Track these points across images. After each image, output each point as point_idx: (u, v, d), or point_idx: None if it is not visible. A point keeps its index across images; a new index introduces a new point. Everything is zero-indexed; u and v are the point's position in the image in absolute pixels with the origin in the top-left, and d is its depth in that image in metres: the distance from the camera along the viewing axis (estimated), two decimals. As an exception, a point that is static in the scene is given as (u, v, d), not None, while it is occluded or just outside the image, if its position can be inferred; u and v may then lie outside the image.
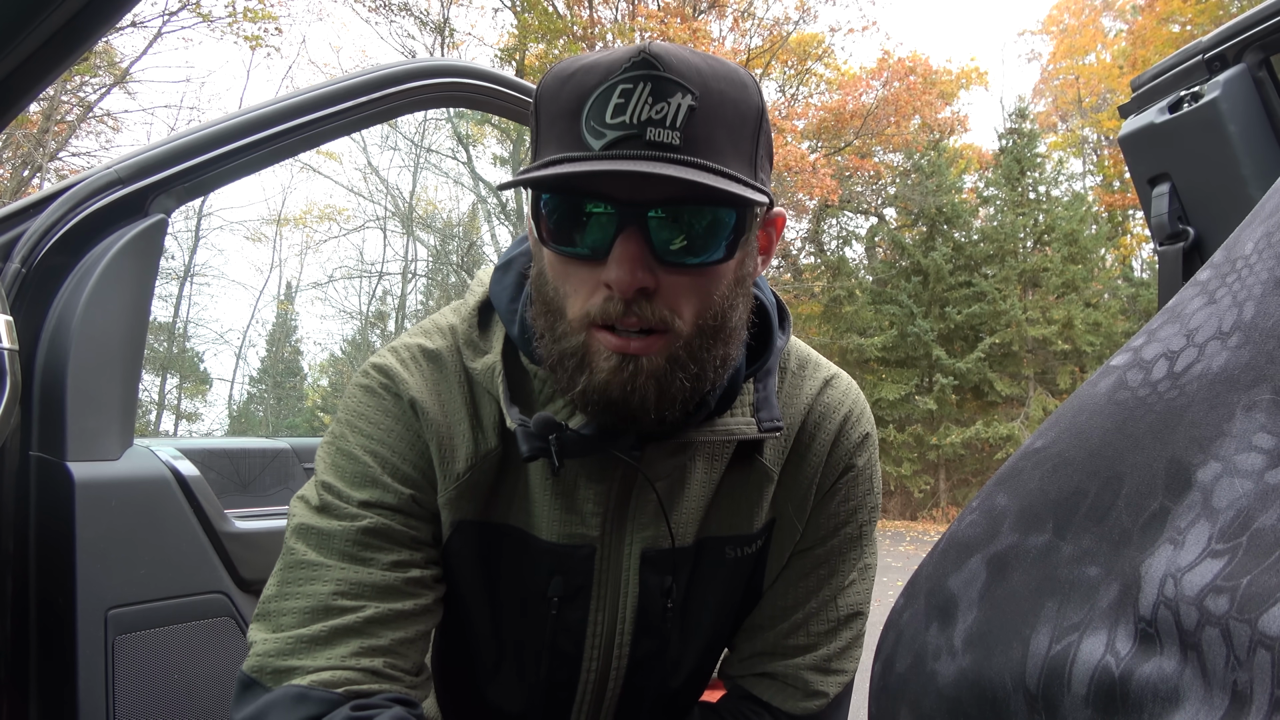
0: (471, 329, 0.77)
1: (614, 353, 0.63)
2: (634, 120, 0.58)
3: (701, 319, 0.64)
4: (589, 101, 0.59)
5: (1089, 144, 18.10)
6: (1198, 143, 1.16)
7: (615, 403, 0.64)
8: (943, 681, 0.40)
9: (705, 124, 0.60)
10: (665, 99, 0.58)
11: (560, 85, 0.62)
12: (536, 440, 0.68)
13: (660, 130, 0.58)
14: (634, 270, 0.60)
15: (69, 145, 11.51)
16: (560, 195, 0.62)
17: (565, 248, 0.63)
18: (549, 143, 0.62)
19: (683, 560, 0.78)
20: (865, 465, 0.83)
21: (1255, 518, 0.30)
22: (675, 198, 0.60)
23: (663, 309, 0.62)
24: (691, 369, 0.65)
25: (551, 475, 0.73)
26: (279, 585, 0.68)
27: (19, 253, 1.08)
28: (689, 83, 0.59)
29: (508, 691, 0.82)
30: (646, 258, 0.61)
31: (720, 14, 14.25)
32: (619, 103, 0.58)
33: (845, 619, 0.81)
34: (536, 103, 0.64)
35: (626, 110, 0.58)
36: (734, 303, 0.67)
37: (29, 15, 0.55)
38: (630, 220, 0.60)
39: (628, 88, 0.58)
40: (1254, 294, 0.36)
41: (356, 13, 17.29)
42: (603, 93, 0.59)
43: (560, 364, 0.66)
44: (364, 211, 18.80)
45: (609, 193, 0.60)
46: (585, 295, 0.63)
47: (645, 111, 0.58)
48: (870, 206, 16.00)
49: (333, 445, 0.74)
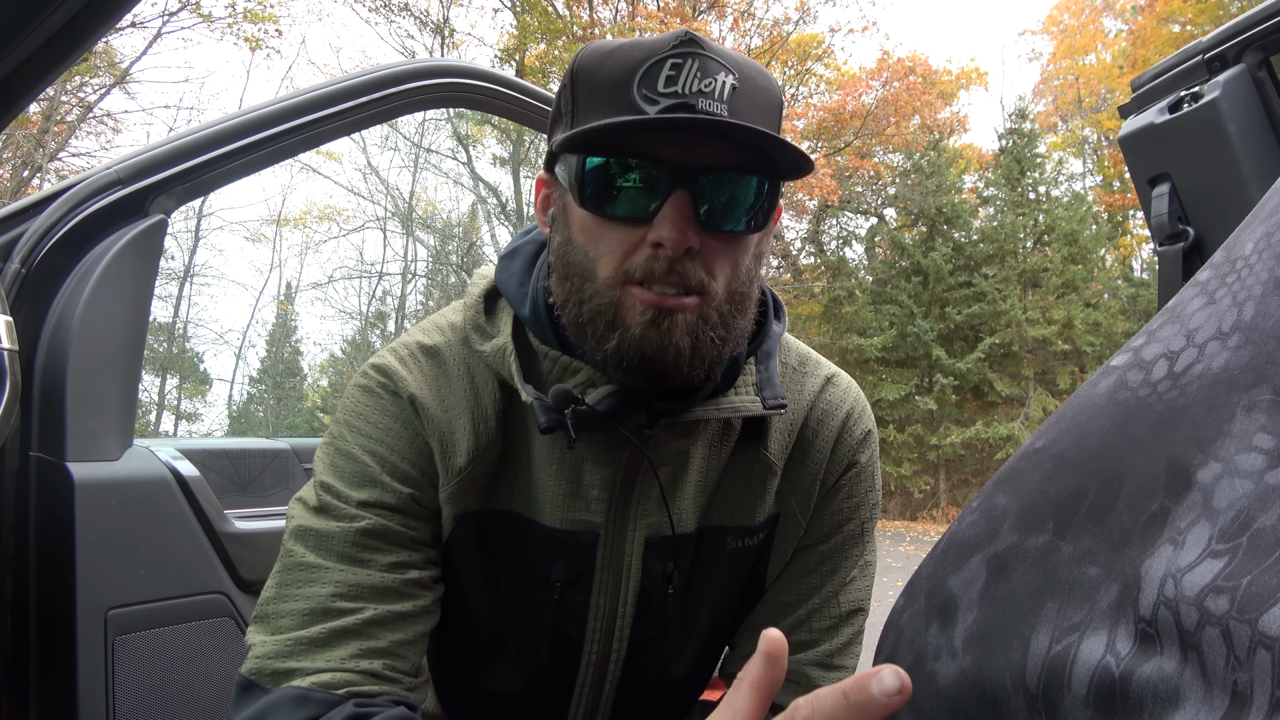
0: (478, 315, 0.77)
1: (649, 307, 0.64)
2: (686, 90, 0.62)
3: (732, 286, 0.67)
4: (639, 73, 0.63)
5: (1089, 144, 18.11)
6: (1198, 143, 1.16)
7: (649, 359, 0.65)
8: (943, 681, 0.40)
9: (746, 103, 0.64)
10: (712, 75, 0.62)
11: (602, 59, 0.65)
12: (554, 413, 0.68)
13: (710, 101, 0.62)
14: (685, 229, 0.63)
15: (69, 145, 11.52)
16: (612, 157, 0.64)
17: (610, 210, 0.65)
18: (592, 110, 0.65)
19: (684, 547, 0.79)
20: (868, 462, 0.85)
21: (1255, 518, 0.30)
22: (723, 165, 0.64)
23: (701, 272, 0.65)
24: (720, 331, 0.67)
25: (563, 453, 0.75)
26: (277, 587, 0.68)
27: (19, 253, 1.08)
28: (729, 64, 0.64)
29: (508, 676, 0.82)
30: (694, 219, 0.63)
31: (720, 14, 14.25)
32: (670, 75, 0.62)
33: (847, 615, 0.82)
34: (573, 77, 0.67)
35: (678, 81, 0.62)
36: (755, 275, 0.71)
37: (29, 15, 0.55)
38: (681, 181, 0.63)
39: (678, 62, 0.62)
40: (1254, 294, 0.36)
41: (356, 13, 17.31)
42: (653, 65, 0.62)
43: (591, 323, 0.67)
44: (364, 212, 18.84)
45: (663, 155, 0.63)
46: (621, 256, 0.65)
47: (695, 84, 0.62)
48: (870, 207, 16.00)
49: (331, 446, 0.74)
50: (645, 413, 0.71)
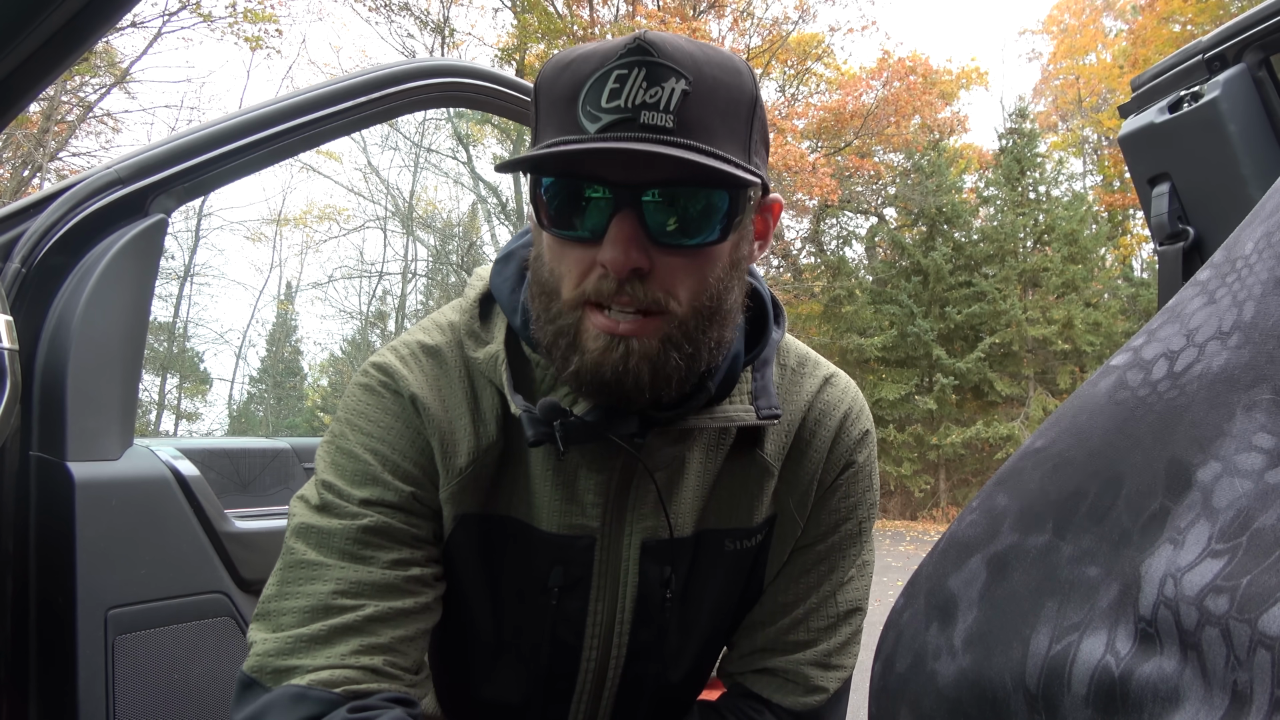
0: (473, 320, 0.77)
1: (602, 333, 0.64)
2: (628, 104, 0.60)
3: (697, 300, 0.66)
4: (585, 87, 0.61)
5: (1089, 144, 18.10)
6: (1198, 143, 1.16)
7: (608, 384, 0.65)
8: (943, 681, 0.40)
9: (698, 108, 0.61)
10: (659, 83, 0.60)
11: (558, 73, 0.63)
12: (541, 425, 0.68)
13: (654, 114, 0.60)
14: (628, 250, 0.61)
15: (69, 145, 11.51)
16: (558, 178, 0.64)
17: (562, 230, 0.64)
18: (546, 128, 0.64)
19: (682, 551, 0.79)
20: (865, 462, 0.84)
21: (1255, 518, 0.30)
22: (669, 179, 0.62)
23: (657, 290, 0.64)
24: (686, 349, 0.66)
25: (557, 459, 0.74)
26: (279, 585, 0.69)
27: (19, 253, 1.08)
28: (682, 68, 0.61)
29: (507, 683, 0.82)
30: (641, 239, 0.62)
31: (719, 14, 14.25)
32: (614, 88, 0.60)
33: (845, 615, 0.82)
34: (536, 92, 0.66)
35: (621, 94, 0.60)
36: (729, 285, 0.68)
37: (29, 15, 0.55)
38: (625, 202, 0.62)
39: (623, 73, 0.60)
40: (1254, 294, 0.36)
41: (356, 13, 17.29)
42: (599, 78, 0.61)
43: (554, 344, 0.67)
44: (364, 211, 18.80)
45: (604, 175, 0.62)
46: (579, 275, 0.65)
47: (640, 95, 0.60)
48: (870, 206, 15.99)
49: (333, 444, 0.74)
50: (637, 421, 0.70)
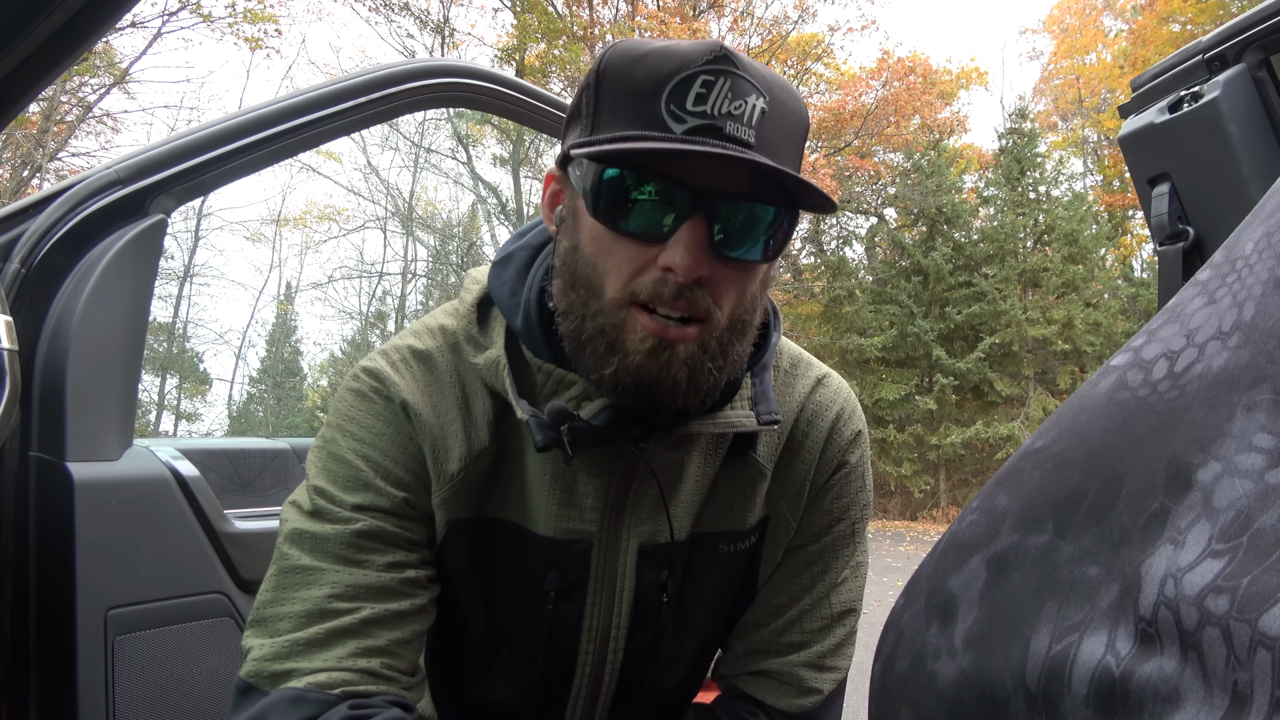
0: (471, 325, 0.76)
1: (650, 335, 0.63)
2: (715, 111, 0.60)
3: (735, 314, 0.66)
4: (669, 85, 0.60)
5: (1089, 144, 18.10)
6: (1198, 143, 1.16)
7: (647, 386, 0.65)
8: (943, 682, 0.40)
9: (772, 128, 0.62)
10: (743, 97, 0.61)
11: (632, 64, 0.62)
12: (550, 430, 0.68)
13: (738, 126, 0.60)
14: (699, 256, 0.61)
15: (69, 145, 11.51)
16: (631, 172, 0.62)
17: (623, 225, 0.63)
18: (617, 119, 0.63)
19: (678, 555, 0.79)
20: (858, 462, 0.84)
21: (1255, 518, 0.30)
22: (743, 192, 0.62)
23: (708, 299, 0.64)
24: (719, 360, 0.66)
25: (556, 464, 0.74)
26: (274, 591, 0.68)
27: (19, 253, 1.08)
28: (761, 86, 0.62)
29: (503, 686, 0.82)
30: (708, 245, 0.62)
31: (719, 13, 14.25)
32: (700, 92, 0.60)
33: (839, 616, 0.82)
34: (599, 77, 0.64)
35: (708, 100, 0.60)
36: (760, 302, 0.70)
37: (29, 15, 0.54)
38: (700, 206, 0.61)
39: (709, 79, 0.60)
40: (1254, 294, 0.36)
41: (356, 13, 17.28)
42: (683, 80, 0.60)
43: (592, 342, 0.66)
44: (364, 211, 18.83)
45: (684, 177, 0.61)
46: (630, 274, 0.64)
47: (725, 105, 0.60)
48: (870, 206, 15.99)
49: (324, 449, 0.74)
50: (640, 426, 0.70)
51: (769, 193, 0.63)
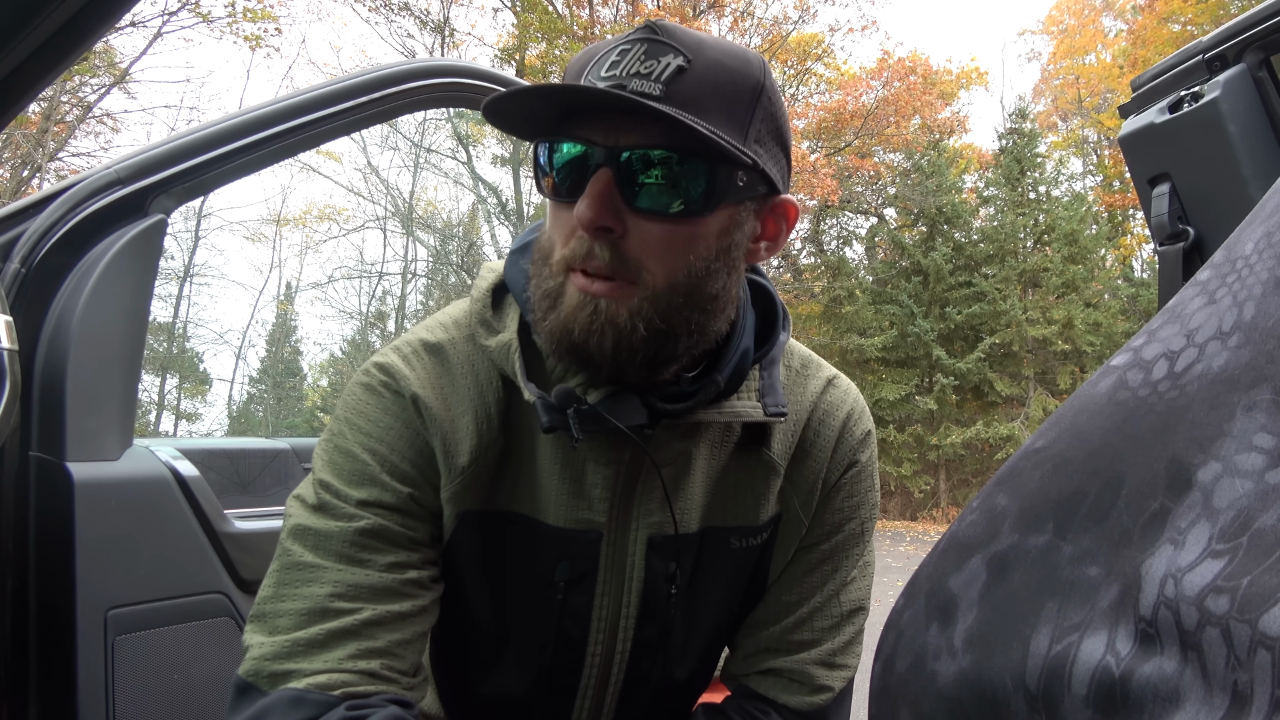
0: (485, 309, 0.77)
1: (579, 291, 0.65)
2: (623, 74, 0.63)
3: (673, 276, 0.66)
4: (590, 64, 0.65)
5: (1089, 144, 18.10)
6: (1198, 143, 1.16)
7: (576, 345, 0.66)
8: (943, 682, 0.40)
9: (693, 84, 0.63)
10: (656, 58, 0.63)
11: (576, 58, 0.68)
12: (556, 413, 0.68)
13: (644, 82, 0.62)
14: (596, 208, 0.62)
15: (69, 145, 11.51)
16: (543, 140, 0.66)
17: (551, 190, 0.67)
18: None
19: (687, 547, 0.79)
20: (868, 462, 0.86)
21: (1255, 518, 0.30)
22: (646, 144, 0.63)
23: (628, 257, 0.65)
24: (658, 325, 0.66)
25: (565, 452, 0.74)
26: (275, 587, 0.68)
27: (19, 253, 1.08)
28: (684, 47, 0.64)
29: (511, 678, 0.82)
30: (614, 199, 0.63)
31: (719, 14, 14.25)
32: (614, 60, 0.64)
33: (848, 614, 0.83)
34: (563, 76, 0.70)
35: (619, 66, 0.63)
36: (713, 268, 0.68)
37: (29, 15, 0.54)
38: (602, 160, 0.63)
39: (626, 48, 0.64)
40: (1254, 294, 0.36)
41: (356, 13, 17.28)
42: (603, 54, 0.65)
43: (539, 304, 0.69)
44: (364, 211, 18.83)
45: (591, 137, 0.64)
46: (564, 239, 0.66)
47: (635, 67, 0.63)
48: (870, 206, 15.99)
49: (331, 443, 0.74)
50: (646, 413, 0.71)
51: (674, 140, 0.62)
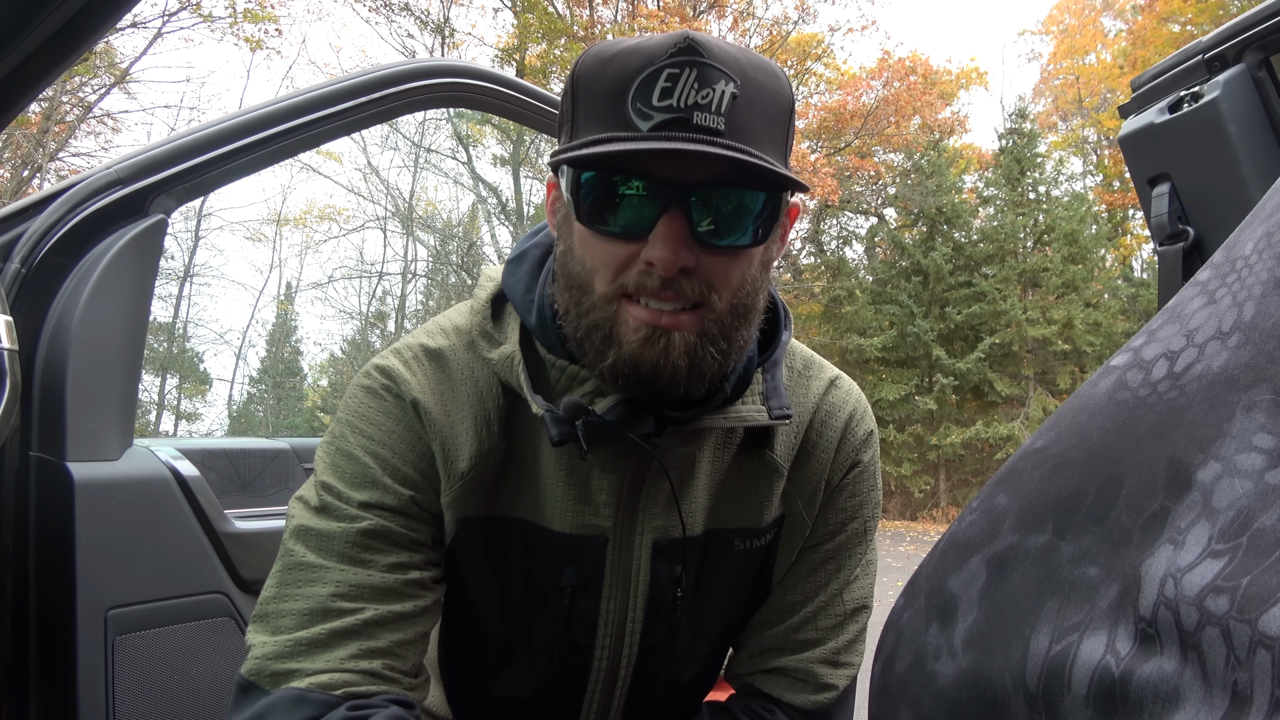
0: (485, 321, 0.77)
1: (643, 325, 0.64)
2: (681, 104, 0.60)
3: (735, 298, 0.67)
4: (634, 84, 0.61)
5: (1089, 144, 18.10)
6: (1198, 143, 1.16)
7: (645, 376, 0.66)
8: (943, 681, 0.40)
9: (746, 111, 0.62)
10: (710, 85, 0.60)
11: (601, 67, 0.63)
12: (565, 425, 0.68)
13: (706, 115, 0.60)
14: (678, 249, 0.62)
15: (69, 145, 11.51)
16: (605, 173, 0.63)
17: (603, 225, 0.64)
18: (590, 122, 0.64)
19: (692, 550, 0.79)
20: (870, 461, 0.86)
21: (1255, 518, 0.30)
22: (717, 180, 0.62)
23: (699, 288, 0.64)
24: (721, 345, 0.67)
25: (571, 460, 0.75)
26: (278, 587, 0.68)
27: (19, 253, 1.08)
28: (731, 70, 0.61)
29: (519, 682, 0.82)
30: (688, 237, 0.63)
31: (720, 14, 14.25)
32: (666, 86, 0.60)
33: (852, 613, 0.83)
34: (574, 83, 0.66)
35: (673, 94, 0.60)
36: (760, 285, 0.70)
37: (29, 15, 0.55)
38: (674, 200, 0.62)
39: (674, 72, 0.60)
40: (1254, 294, 0.36)
41: (356, 13, 17.29)
42: (649, 76, 0.61)
43: (589, 337, 0.68)
44: (364, 211, 18.81)
45: (655, 173, 0.62)
46: (616, 270, 0.65)
47: (692, 96, 0.60)
48: (870, 206, 15.99)
49: (333, 445, 0.74)
50: (653, 421, 0.71)
51: (744, 178, 0.63)
